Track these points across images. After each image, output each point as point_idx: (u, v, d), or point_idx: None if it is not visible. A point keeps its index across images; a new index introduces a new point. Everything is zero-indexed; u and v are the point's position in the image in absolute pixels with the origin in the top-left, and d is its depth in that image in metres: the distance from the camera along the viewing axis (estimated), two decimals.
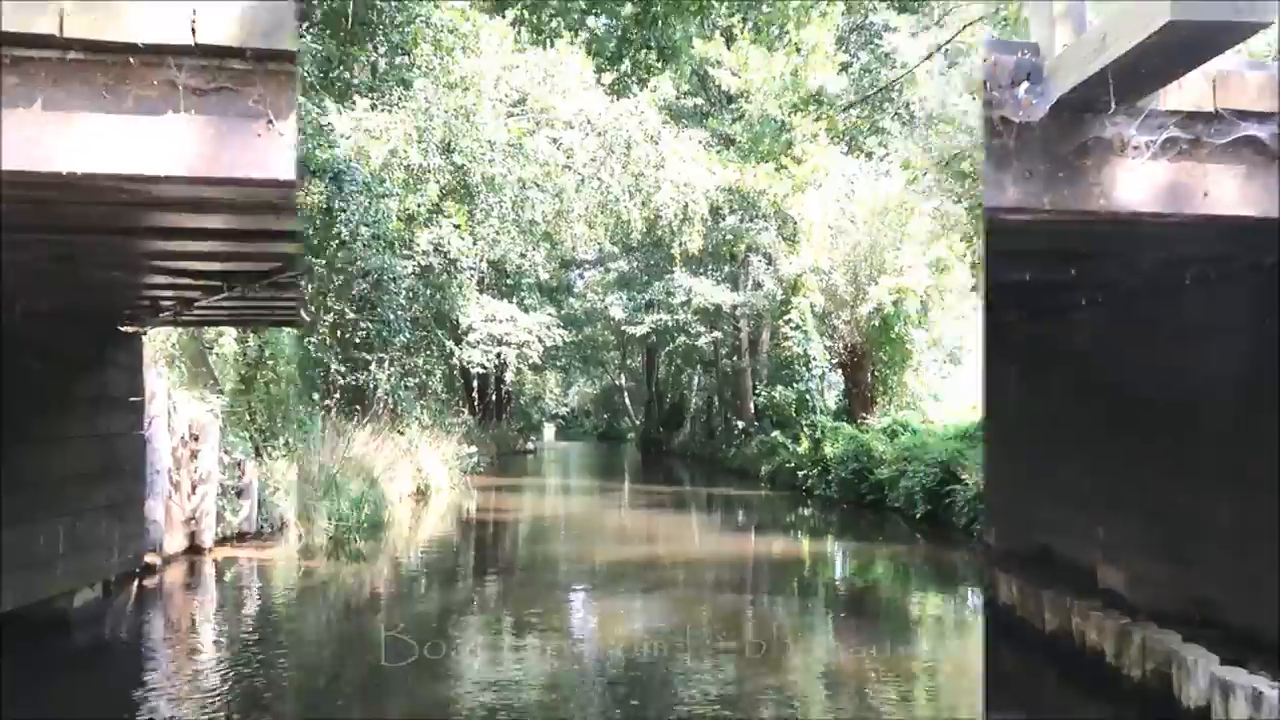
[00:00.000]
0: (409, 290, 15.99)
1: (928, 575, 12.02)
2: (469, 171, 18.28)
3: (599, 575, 11.21)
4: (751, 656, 7.41)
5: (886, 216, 21.99)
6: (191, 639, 7.79)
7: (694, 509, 20.57)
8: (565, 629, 8.46)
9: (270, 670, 6.94)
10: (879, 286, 21.53)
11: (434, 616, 8.77)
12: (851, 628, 8.75)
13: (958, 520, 14.30)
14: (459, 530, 15.97)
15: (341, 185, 14.03)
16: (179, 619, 8.28)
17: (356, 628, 8.55)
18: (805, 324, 20.89)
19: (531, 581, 10.75)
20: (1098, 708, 6.21)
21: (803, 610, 9.60)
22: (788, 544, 14.46)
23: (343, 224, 14.39)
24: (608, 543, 14.23)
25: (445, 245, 16.52)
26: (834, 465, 19.28)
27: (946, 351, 23.12)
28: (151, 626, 8.05)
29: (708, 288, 26.75)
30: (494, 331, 22.57)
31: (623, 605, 9.22)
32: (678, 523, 17.42)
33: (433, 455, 22.23)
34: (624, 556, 12.46)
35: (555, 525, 17.07)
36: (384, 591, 10.17)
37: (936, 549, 13.61)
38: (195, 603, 9.05)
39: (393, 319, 14.93)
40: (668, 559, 12.21)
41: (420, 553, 13.28)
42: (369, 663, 7.20)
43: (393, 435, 19.83)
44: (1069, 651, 6.77)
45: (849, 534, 15.80)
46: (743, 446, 29.90)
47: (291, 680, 6.84)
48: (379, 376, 19.16)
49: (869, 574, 12.06)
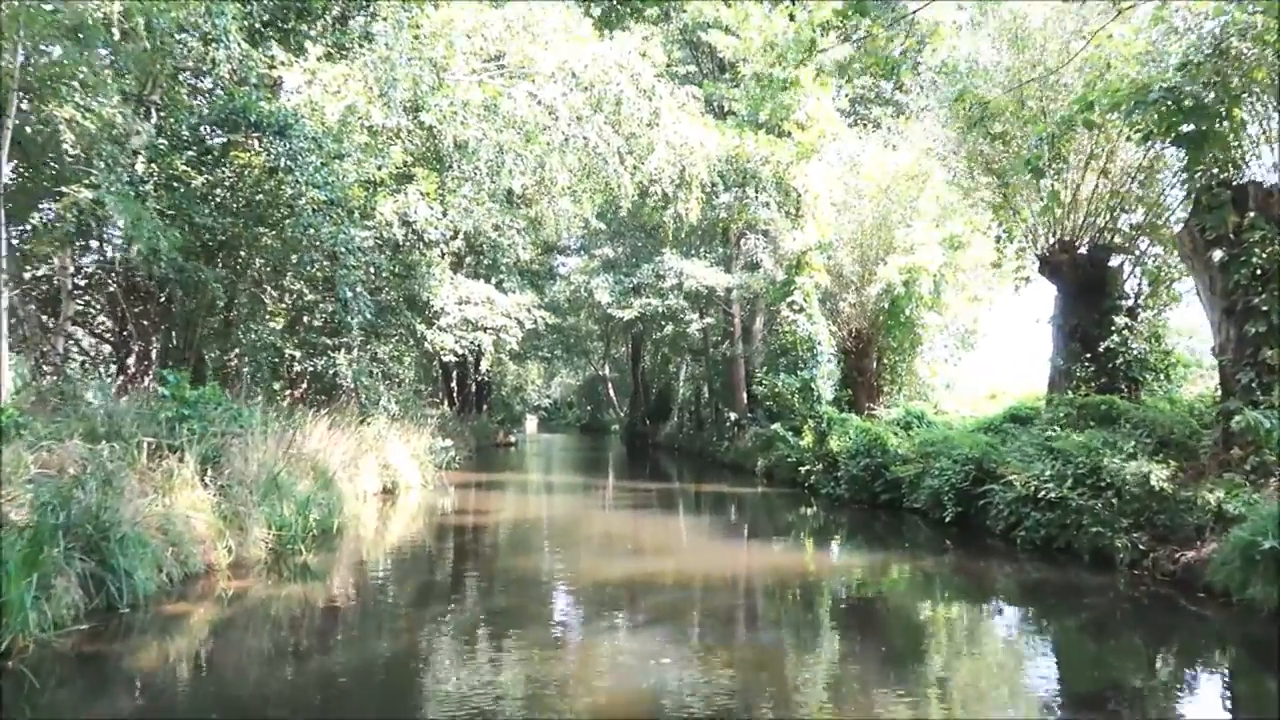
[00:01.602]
0: (371, 265, 14.06)
1: (995, 602, 10.25)
2: (439, 135, 16.35)
3: (587, 602, 9.29)
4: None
5: (896, 190, 20.27)
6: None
7: (688, 510, 18.73)
8: (545, 682, 6.62)
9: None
10: (888, 266, 19.81)
11: (375, 667, 6.91)
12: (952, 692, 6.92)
13: (993, 525, 12.57)
14: (424, 538, 14.01)
15: (288, 141, 12.10)
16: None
17: (271, 687, 6.68)
18: (810, 306, 19.09)
19: (506, 613, 8.88)
20: None
21: (860, 665, 7.51)
22: (802, 556, 12.61)
23: (289, 186, 12.47)
24: (595, 555, 12.32)
25: (411, 215, 14.57)
26: (843, 461, 17.52)
27: (959, 336, 21.39)
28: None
29: (700, 270, 24.85)
30: (469, 315, 20.56)
31: (620, 652, 7.37)
32: (671, 528, 15.55)
33: (402, 450, 20.35)
34: (616, 575, 10.59)
35: (535, 532, 15.13)
36: (314, 628, 8.28)
37: (976, 560, 11.85)
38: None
39: (351, 297, 12.99)
40: (667, 578, 10.34)
41: (374, 569, 11.36)
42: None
43: (359, 428, 17.95)
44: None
45: (867, 541, 14.00)
46: (736, 439, 28.17)
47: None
48: (340, 363, 17.24)
49: (917, 598, 10.10)
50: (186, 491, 9.76)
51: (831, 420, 18.81)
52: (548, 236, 38.05)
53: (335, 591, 9.66)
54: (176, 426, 10.10)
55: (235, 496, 10.42)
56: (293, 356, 16.14)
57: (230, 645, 7.45)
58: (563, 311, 37.86)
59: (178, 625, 7.71)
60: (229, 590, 9.10)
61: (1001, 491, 12.37)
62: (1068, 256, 14.93)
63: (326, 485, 13.60)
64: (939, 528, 13.79)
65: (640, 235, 32.43)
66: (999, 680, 6.92)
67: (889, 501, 16.18)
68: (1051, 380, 15.36)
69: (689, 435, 37.98)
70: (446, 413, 35.04)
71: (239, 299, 14.18)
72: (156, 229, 10.43)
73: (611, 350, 57.99)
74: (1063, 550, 11.09)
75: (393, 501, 18.15)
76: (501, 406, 50.11)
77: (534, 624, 8.22)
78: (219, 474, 10.47)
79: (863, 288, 20.80)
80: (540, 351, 47.93)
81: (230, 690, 6.32)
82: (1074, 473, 11.06)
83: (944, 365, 21.72)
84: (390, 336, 21.30)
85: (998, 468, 13.02)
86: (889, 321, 20.66)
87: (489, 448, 38.76)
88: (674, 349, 39.52)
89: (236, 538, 10.18)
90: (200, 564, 9.41)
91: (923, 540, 13.46)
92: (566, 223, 21.77)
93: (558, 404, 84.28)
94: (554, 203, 20.77)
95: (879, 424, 17.62)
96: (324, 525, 12.58)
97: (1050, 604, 9.39)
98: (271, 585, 9.61)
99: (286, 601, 8.95)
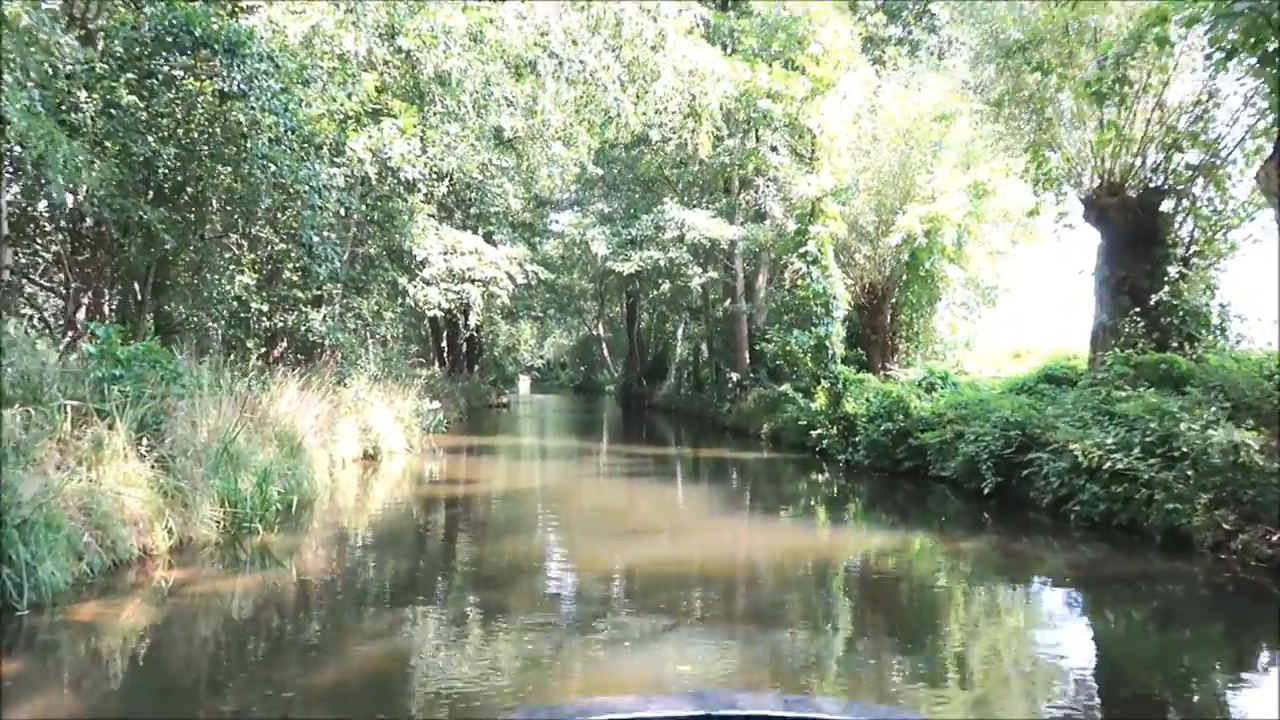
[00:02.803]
0: (342, 207, 12.50)
1: (1067, 590, 8.92)
2: (418, 65, 14.72)
3: (588, 599, 7.84)
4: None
5: (917, 134, 18.71)
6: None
7: (690, 478, 17.40)
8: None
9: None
10: (908, 215, 18.30)
11: (333, 689, 5.55)
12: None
13: (1039, 497, 11.26)
14: (401, 513, 12.63)
15: (240, 61, 10.49)
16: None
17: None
18: (825, 257, 17.60)
19: (493, 608, 7.52)
20: None
21: (908, 673, 6.12)
22: (823, 534, 11.24)
23: (242, 113, 10.88)
24: (596, 535, 10.91)
25: (386, 151, 12.97)
26: (862, 425, 16.16)
27: (981, 291, 19.96)
28: None
29: (704, 220, 23.24)
30: (455, 266, 18.99)
31: (633, 665, 6.02)
32: (674, 500, 14.18)
33: (385, 413, 18.94)
34: (620, 559, 9.25)
35: (525, 505, 13.74)
36: (264, 631, 6.92)
37: (1022, 539, 10.53)
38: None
39: (317, 242, 11.46)
40: (675, 567, 8.97)
41: (340, 550, 9.99)
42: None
43: (337, 390, 16.52)
44: None
45: (894, 515, 12.68)
46: (738, 401, 26.83)
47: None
48: (313, 318, 15.74)
49: (963, 585, 8.72)
50: (117, 464, 8.33)
51: (848, 381, 17.44)
52: (540, 189, 36.60)
53: (293, 580, 8.29)
54: (106, 388, 8.65)
55: (179, 469, 8.99)
56: (260, 311, 14.60)
57: (147, 662, 6.06)
58: (556, 269, 36.30)
59: (85, 633, 6.30)
60: (166, 581, 7.73)
61: (1051, 460, 11.03)
62: (1116, 200, 13.47)
63: (294, 453, 12.21)
64: (973, 499, 12.49)
65: (637, 187, 30.82)
66: (1083, 692, 5.59)
67: (912, 469, 14.87)
68: (1095, 337, 13.98)
69: (687, 397, 36.66)
70: (436, 373, 33.62)
71: (193, 246, 12.63)
72: (79, 159, 8.88)
73: (606, 309, 56.53)
74: (1125, 528, 9.78)
75: (374, 469, 16.80)
76: (494, 367, 48.61)
77: (525, 629, 6.85)
78: (160, 443, 9.04)
79: (879, 239, 19.31)
80: (533, 311, 46.47)
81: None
82: (1141, 440, 9.71)
83: (963, 322, 20.30)
84: (370, 291, 19.78)
85: (1043, 433, 11.70)
86: (908, 275, 19.21)
87: (480, 409, 37.38)
88: (672, 307, 38.03)
89: (180, 516, 8.78)
90: (133, 549, 8.01)
91: (957, 514, 12.15)
92: (560, 170, 20.18)
93: (551, 364, 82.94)
94: (547, 147, 19.17)
95: (900, 385, 16.25)
96: (290, 498, 11.22)
97: (1126, 594, 8.07)
98: (219, 573, 8.23)
99: (232, 595, 7.57)
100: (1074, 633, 7.21)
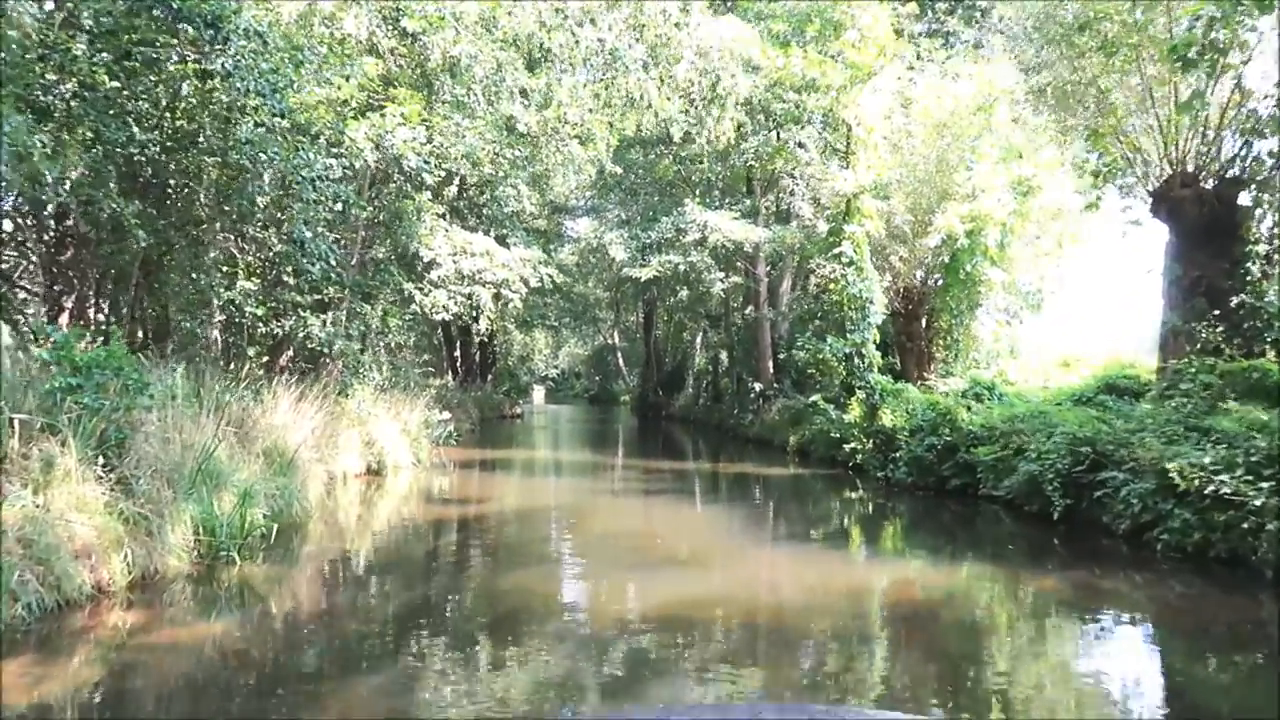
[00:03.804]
0: (339, 199, 11.40)
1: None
2: (425, 49, 13.67)
3: (615, 658, 6.65)
4: None
5: (956, 127, 17.52)
6: None
7: (714, 497, 16.19)
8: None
9: None
10: (947, 214, 17.09)
11: None
12: None
13: (1115, 523, 10.01)
14: (400, 537, 11.46)
15: (223, 36, 9.43)
16: None
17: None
18: (861, 258, 16.39)
19: (501, 665, 6.34)
20: None
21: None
22: (878, 566, 9.96)
23: (226, 93, 9.81)
24: (618, 569, 9.63)
25: (388, 140, 11.87)
26: (903, 439, 14.92)
27: (1025, 295, 18.69)
28: None
29: (727, 222, 22.04)
30: (465, 268, 17.86)
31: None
32: (699, 524, 12.88)
33: (391, 425, 17.84)
34: (649, 604, 7.95)
35: (536, 531, 12.51)
36: (234, 689, 5.78)
37: (1103, 573, 9.25)
38: None
39: (310, 238, 10.37)
40: (717, 604, 7.77)
41: (329, 582, 8.85)
42: None
43: (340, 400, 15.45)
44: None
45: (951, 543, 11.41)
46: (761, 412, 25.61)
47: None
48: (313, 324, 14.66)
49: (1059, 639, 7.38)
50: (69, 486, 7.23)
51: (885, 391, 16.20)
52: (555, 195, 35.54)
53: (271, 624, 7.15)
54: (59, 400, 7.54)
55: (144, 491, 7.88)
56: (256, 316, 13.51)
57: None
58: (572, 275, 35.21)
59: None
60: (121, 625, 6.61)
61: (1130, 481, 9.78)
62: (1189, 191, 12.24)
63: (284, 470, 11.10)
64: (1034, 523, 11.23)
65: (654, 192, 29.76)
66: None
67: (960, 488, 13.63)
68: (1163, 342, 12.74)
69: (706, 407, 35.42)
70: (449, 383, 32.57)
71: (176, 244, 11.56)
72: (33, 143, 7.82)
73: (622, 318, 55.41)
74: (1224, 561, 8.52)
75: (378, 485, 15.68)
76: (507, 377, 47.50)
77: (542, 697, 5.68)
78: (122, 462, 7.93)
79: (916, 239, 18.09)
80: (548, 320, 45.40)
81: None
82: (1245, 460, 8.46)
83: (1005, 329, 19.03)
84: (378, 298, 18.70)
85: (1116, 450, 10.45)
86: (947, 278, 17.98)
87: (494, 420, 36.30)
88: (690, 315, 36.85)
89: (144, 546, 7.67)
90: (84, 587, 6.89)
91: (1020, 541, 10.89)
92: (577, 170, 19.09)
93: (565, 374, 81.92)
94: (564, 145, 18.08)
95: (945, 396, 15.01)
96: (279, 520, 10.12)
97: (1248, 642, 6.82)
98: (184, 614, 7.10)
99: (196, 647, 6.41)
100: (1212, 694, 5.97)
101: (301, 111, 11.40)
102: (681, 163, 25.22)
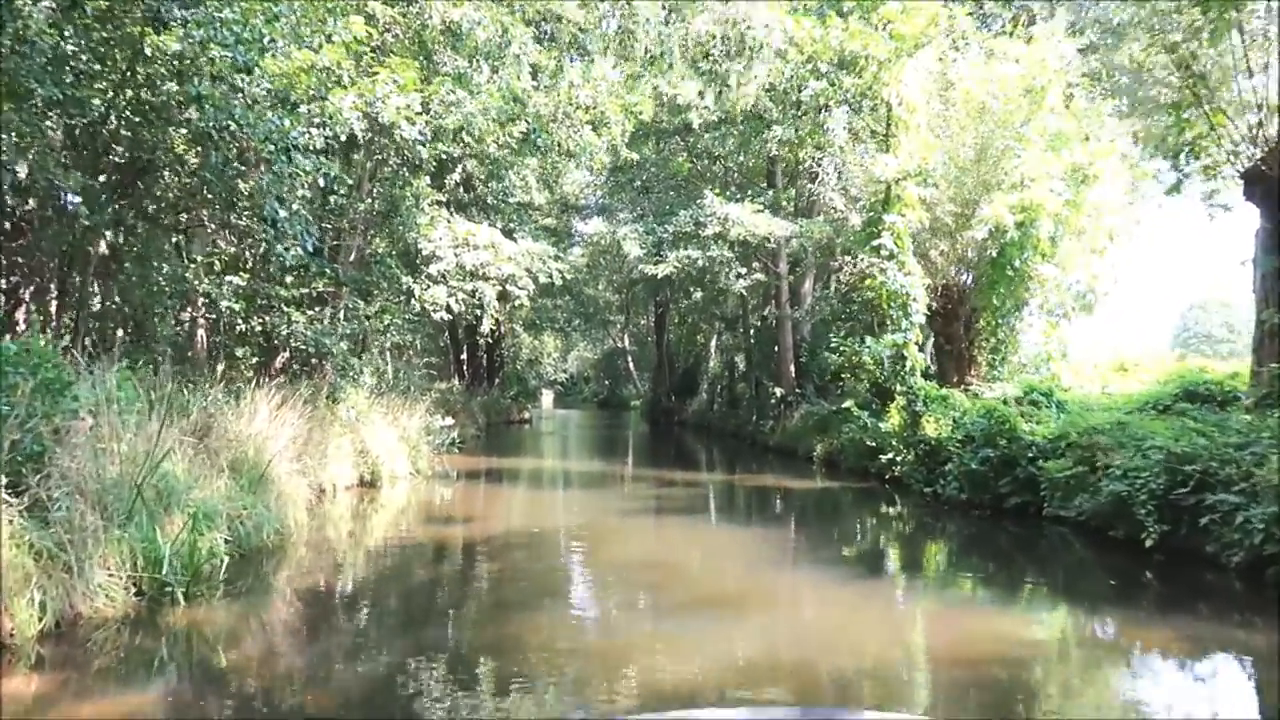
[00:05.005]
0: (320, 175, 9.98)
1: None
2: (424, 15, 12.26)
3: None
4: None
5: (1003, 110, 16.03)
6: None
7: (738, 516, 14.68)
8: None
9: None
10: (995, 204, 15.57)
11: None
12: None
13: (1223, 554, 8.51)
14: (384, 566, 9.91)
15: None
16: None
17: None
18: (903, 251, 14.89)
19: None
20: None
21: None
22: (947, 607, 8.47)
23: (179, 42, 8.38)
24: (641, 613, 8.02)
25: (378, 109, 10.44)
26: (953, 450, 13.40)
27: (1077, 294, 17.14)
28: None
29: (749, 215, 20.54)
30: (467, 261, 16.42)
31: None
32: (726, 550, 11.10)
33: (388, 432, 16.42)
34: (658, 671, 6.41)
35: (547, 556, 10.84)
36: None
37: (1228, 621, 7.73)
38: None
39: (284, 217, 8.95)
40: (771, 674, 6.27)
41: (292, 628, 7.35)
42: None
43: (330, 405, 14.05)
44: None
45: (1025, 577, 9.83)
46: (782, 419, 24.11)
47: None
48: (297, 320, 13.24)
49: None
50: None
51: (930, 397, 14.69)
52: (564, 193, 34.14)
53: (209, 692, 5.67)
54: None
55: (64, 516, 6.44)
56: (231, 310, 12.11)
57: None
58: (582, 276, 33.75)
59: None
60: (21, 695, 5.16)
61: (1247, 505, 8.27)
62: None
63: (254, 485, 9.66)
64: (1119, 552, 9.70)
65: (669, 188, 28.38)
66: None
67: (1019, 506, 12.13)
68: (1259, 344, 11.23)
69: (721, 413, 33.91)
70: (455, 387, 31.18)
71: (138, 227, 10.16)
72: None
73: (632, 321, 54.00)
74: None
75: (371, 498, 14.26)
76: (515, 381, 46.01)
77: None
78: (41, 481, 6.49)
79: (959, 231, 16.57)
80: (556, 323, 44.02)
81: None
82: None
83: (1055, 330, 17.48)
84: (374, 295, 17.30)
85: (1221, 467, 8.94)
86: (993, 274, 16.45)
87: (500, 425, 34.86)
88: (704, 316, 35.37)
89: (62, 585, 6.23)
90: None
91: (1107, 574, 9.39)
92: (589, 157, 17.66)
93: (574, 378, 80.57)
94: (575, 132, 16.66)
95: (1002, 403, 13.50)
96: (245, 546, 8.70)
97: None
98: (103, 678, 5.64)
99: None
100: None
101: (281, 78, 9.98)
102: (698, 156, 23.77)
